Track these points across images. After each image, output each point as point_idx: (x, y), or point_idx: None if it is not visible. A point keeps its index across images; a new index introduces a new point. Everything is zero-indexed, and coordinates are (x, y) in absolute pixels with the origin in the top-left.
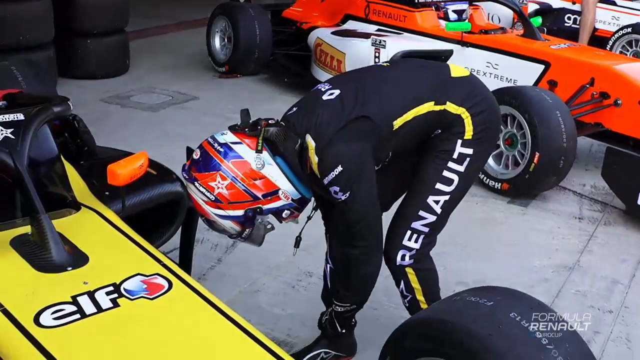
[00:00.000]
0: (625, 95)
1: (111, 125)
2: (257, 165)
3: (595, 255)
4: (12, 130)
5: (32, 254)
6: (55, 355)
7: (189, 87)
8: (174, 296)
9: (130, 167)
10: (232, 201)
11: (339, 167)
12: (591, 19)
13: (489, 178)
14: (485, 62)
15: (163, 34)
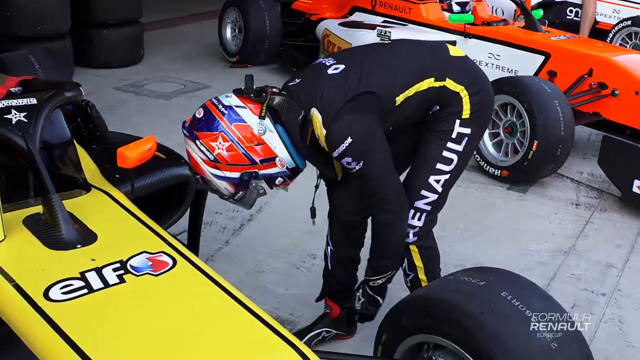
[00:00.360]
0: (622, 86)
1: (125, 112)
2: (259, 131)
3: (590, 240)
4: (25, 114)
5: (44, 232)
6: (63, 328)
7: (201, 76)
8: (177, 273)
9: (139, 151)
10: (231, 163)
11: (348, 139)
12: (592, 12)
13: (489, 165)
14: (487, 53)
15: (177, 26)
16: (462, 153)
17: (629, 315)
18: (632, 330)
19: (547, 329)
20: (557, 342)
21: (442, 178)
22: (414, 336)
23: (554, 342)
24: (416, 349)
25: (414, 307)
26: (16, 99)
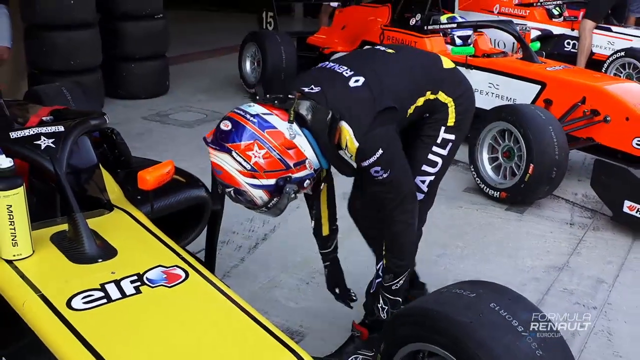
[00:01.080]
0: (614, 112)
1: (152, 140)
2: (291, 135)
3: (583, 257)
4: (53, 140)
5: (68, 248)
6: (83, 334)
7: (222, 106)
8: (189, 285)
9: (158, 174)
10: (268, 170)
11: (380, 151)
12: (588, 44)
13: (488, 187)
14: (487, 83)
15: (200, 59)
16: (446, 157)
17: (617, 328)
18: (620, 341)
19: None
20: (542, 350)
21: (427, 179)
22: (409, 345)
23: (538, 349)
24: (412, 357)
25: (409, 318)
26: (45, 127)
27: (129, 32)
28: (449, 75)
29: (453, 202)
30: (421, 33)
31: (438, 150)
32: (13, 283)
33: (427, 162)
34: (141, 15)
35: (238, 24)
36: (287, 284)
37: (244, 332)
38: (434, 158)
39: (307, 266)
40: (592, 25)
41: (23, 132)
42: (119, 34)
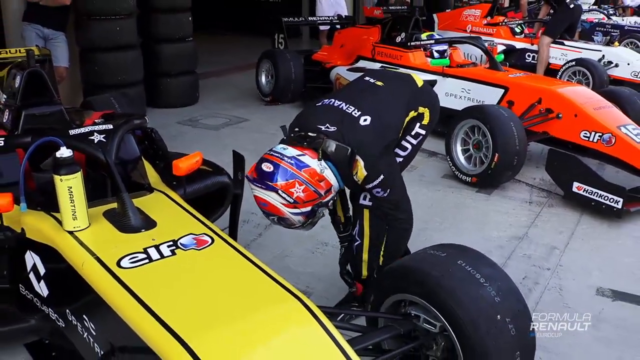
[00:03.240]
0: (564, 110)
1: (185, 140)
2: (321, 170)
3: (539, 229)
4: (104, 135)
5: (117, 221)
6: (130, 286)
7: (242, 112)
8: (214, 248)
9: (189, 162)
10: (306, 200)
11: (381, 176)
12: (546, 56)
13: (461, 173)
14: (461, 88)
15: (223, 74)
16: (415, 146)
17: (567, 284)
18: (569, 295)
19: (492, 287)
20: (500, 297)
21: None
22: (393, 295)
23: (497, 296)
24: (396, 305)
25: (393, 274)
26: (99, 125)
27: (165, 52)
28: (422, 91)
29: (433, 186)
30: (405, 48)
31: (410, 139)
32: (74, 249)
33: (400, 146)
34: (175, 38)
35: (254, 45)
36: (296, 253)
37: (260, 285)
38: (406, 144)
39: (313, 239)
40: (549, 40)
41: (80, 130)
42: (157, 54)
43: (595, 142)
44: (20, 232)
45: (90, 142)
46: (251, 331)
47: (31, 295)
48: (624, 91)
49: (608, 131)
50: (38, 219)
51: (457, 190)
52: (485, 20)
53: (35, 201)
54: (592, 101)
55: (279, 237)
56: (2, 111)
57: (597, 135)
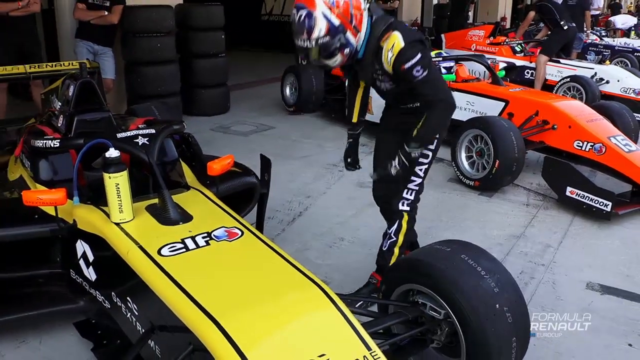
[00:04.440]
0: (559, 122)
1: (217, 145)
2: (363, 6)
3: (535, 229)
4: (147, 139)
5: (158, 215)
6: (170, 272)
7: (269, 120)
8: (244, 240)
9: (222, 164)
10: (340, 12)
11: (419, 54)
12: (542, 72)
13: (465, 178)
14: (466, 101)
15: (252, 87)
16: (434, 150)
17: (560, 279)
18: (561, 289)
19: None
20: (499, 288)
21: (423, 167)
22: (402, 285)
23: (496, 287)
24: (405, 294)
25: (402, 266)
26: (142, 130)
27: (200, 66)
28: None
29: (439, 189)
30: None
31: (429, 146)
32: (120, 238)
33: (422, 155)
34: (209, 54)
35: (279, 60)
36: (315, 247)
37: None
38: (427, 152)
39: (331, 234)
40: (546, 59)
41: (126, 133)
42: (193, 68)
43: (587, 151)
44: (73, 223)
45: (135, 144)
46: (276, 313)
47: (80, 280)
48: (614, 105)
49: (599, 141)
50: (88, 212)
51: (461, 193)
52: (489, 40)
53: (86, 196)
54: (584, 114)
55: (300, 232)
56: (57, 116)
57: (589, 145)
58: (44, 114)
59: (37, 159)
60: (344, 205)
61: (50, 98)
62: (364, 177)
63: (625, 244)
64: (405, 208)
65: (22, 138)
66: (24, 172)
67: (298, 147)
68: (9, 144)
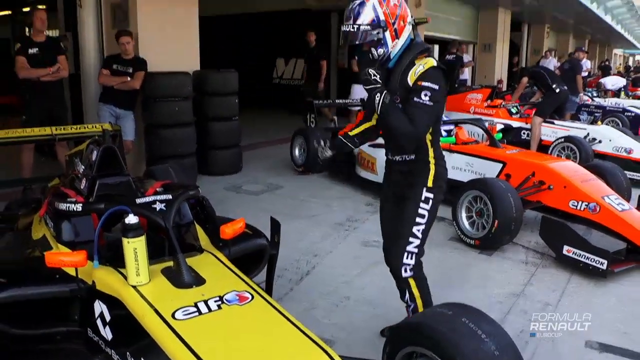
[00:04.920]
0: (555, 183)
1: (229, 204)
2: (410, 21)
3: (534, 287)
4: (164, 204)
5: (173, 278)
6: (182, 335)
7: (279, 180)
8: (254, 304)
9: (234, 228)
10: (387, 8)
11: (437, 86)
12: (538, 133)
13: (466, 237)
14: (465, 163)
15: (263, 147)
16: (430, 211)
17: (558, 338)
18: (561, 347)
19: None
20: (499, 351)
21: (420, 228)
22: (405, 347)
23: (496, 350)
24: (409, 355)
25: (405, 328)
26: (159, 195)
27: (215, 129)
28: None
29: (441, 248)
30: None
31: (423, 205)
32: (136, 301)
33: (418, 215)
34: (223, 117)
35: (289, 122)
36: (322, 306)
37: (291, 338)
38: (422, 212)
39: (337, 293)
40: (540, 120)
41: (144, 199)
42: (208, 130)
43: (582, 210)
44: (92, 284)
45: (153, 210)
46: None
47: (97, 338)
48: (606, 165)
49: (593, 201)
50: (107, 274)
51: (462, 252)
52: (486, 102)
53: (104, 257)
54: (578, 174)
55: (307, 291)
56: (80, 179)
57: (584, 205)
58: (67, 175)
59: (60, 220)
60: (350, 264)
61: (74, 160)
62: (369, 236)
63: (621, 302)
64: (408, 274)
65: (46, 199)
66: (47, 232)
67: (306, 206)
68: (34, 201)
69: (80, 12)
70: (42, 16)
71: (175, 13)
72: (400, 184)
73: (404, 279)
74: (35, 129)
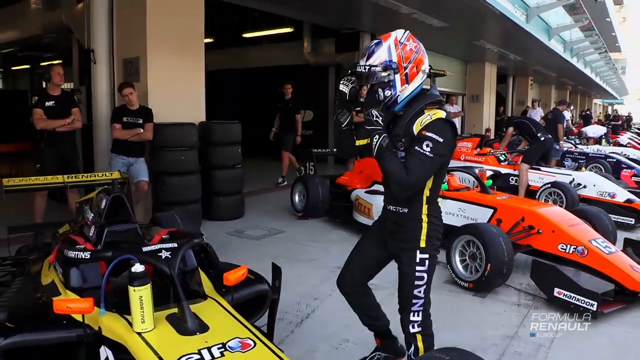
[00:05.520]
0: (544, 227)
1: (232, 248)
2: (424, 69)
3: (526, 328)
4: (170, 253)
5: (177, 325)
6: None
7: (279, 225)
8: (257, 351)
9: (237, 275)
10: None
11: (441, 139)
12: (525, 179)
13: (460, 280)
14: (457, 208)
15: (264, 193)
16: (428, 271)
17: None
18: None
19: None
20: None
21: (421, 289)
22: None
23: None
24: None
25: None
26: (165, 244)
27: (219, 177)
28: None
29: (436, 291)
30: None
31: (420, 268)
32: (141, 348)
33: (416, 278)
34: (227, 166)
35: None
36: (323, 349)
37: None
38: (420, 274)
39: (336, 336)
40: (527, 167)
41: (150, 247)
42: (212, 178)
43: (570, 253)
44: (98, 330)
45: (159, 258)
46: None
47: None
48: (592, 210)
49: (581, 244)
50: (113, 320)
51: (457, 294)
52: (476, 150)
53: (111, 302)
54: (566, 219)
55: (307, 334)
56: (89, 226)
57: (572, 248)
58: (77, 222)
59: (68, 267)
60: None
61: (84, 207)
62: None
63: (613, 342)
64: (416, 330)
65: (56, 246)
66: (56, 277)
67: (305, 250)
68: (44, 246)
69: (94, 68)
70: (60, 71)
71: (183, 68)
72: (393, 238)
73: (411, 334)
74: (48, 177)
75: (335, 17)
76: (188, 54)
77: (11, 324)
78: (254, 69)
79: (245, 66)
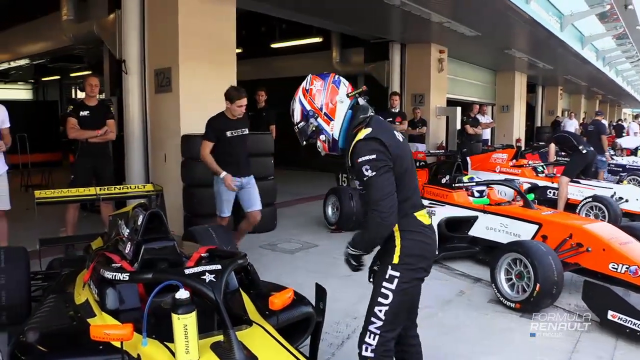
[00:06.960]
0: (593, 245)
1: (266, 262)
2: (339, 100)
3: (580, 353)
4: (214, 275)
5: (224, 355)
6: None
7: (312, 238)
8: None
9: (282, 299)
10: (311, 98)
11: (374, 155)
12: (565, 193)
13: (506, 300)
14: (499, 224)
15: (296, 205)
16: (395, 291)
17: None
18: None
19: None
20: None
21: (383, 309)
22: None
23: None
24: None
25: None
26: (208, 265)
27: None
28: None
29: (481, 311)
30: (450, 188)
31: (387, 285)
32: None
33: (380, 295)
34: (260, 177)
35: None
36: None
37: None
38: (385, 291)
39: None
40: (567, 180)
41: (193, 269)
42: None
43: (622, 273)
44: (137, 357)
45: (202, 281)
46: None
47: None
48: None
49: (634, 264)
50: (154, 349)
51: (503, 315)
52: (512, 162)
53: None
54: (616, 237)
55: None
56: (125, 243)
57: (624, 267)
58: (110, 236)
59: (104, 288)
60: None
61: (118, 222)
62: None
63: None
64: (368, 354)
65: (91, 264)
66: (90, 297)
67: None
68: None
69: (125, 78)
70: (92, 82)
71: (216, 77)
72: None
73: (363, 357)
74: (80, 189)
75: (364, 26)
76: (220, 64)
77: (43, 347)
78: (282, 79)
79: (273, 76)
